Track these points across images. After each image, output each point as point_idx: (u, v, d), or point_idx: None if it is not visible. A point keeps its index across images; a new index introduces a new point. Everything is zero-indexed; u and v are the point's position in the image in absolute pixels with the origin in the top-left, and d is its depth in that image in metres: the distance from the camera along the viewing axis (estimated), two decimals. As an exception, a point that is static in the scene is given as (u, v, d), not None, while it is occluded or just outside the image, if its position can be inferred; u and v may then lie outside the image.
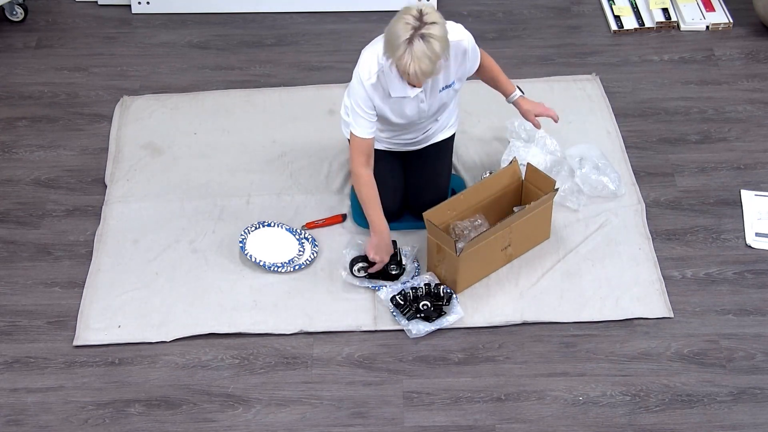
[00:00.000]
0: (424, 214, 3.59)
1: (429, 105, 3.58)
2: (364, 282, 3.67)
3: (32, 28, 4.90)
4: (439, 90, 3.55)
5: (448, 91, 3.59)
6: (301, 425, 3.31)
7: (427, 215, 3.58)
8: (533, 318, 3.58)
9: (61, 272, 3.79)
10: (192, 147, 4.26)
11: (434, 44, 3.26)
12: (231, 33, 4.86)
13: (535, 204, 3.65)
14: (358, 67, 3.49)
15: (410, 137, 3.75)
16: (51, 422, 3.33)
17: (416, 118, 3.60)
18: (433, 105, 3.59)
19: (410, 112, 3.57)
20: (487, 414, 3.32)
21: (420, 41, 3.24)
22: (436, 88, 3.54)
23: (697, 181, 4.07)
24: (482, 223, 3.69)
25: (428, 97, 3.55)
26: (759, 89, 4.48)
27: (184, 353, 3.51)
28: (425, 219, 3.58)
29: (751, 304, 3.63)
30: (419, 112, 3.58)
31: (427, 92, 3.53)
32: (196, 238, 3.88)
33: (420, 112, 3.59)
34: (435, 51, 3.27)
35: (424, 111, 3.59)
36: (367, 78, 3.45)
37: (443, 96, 3.59)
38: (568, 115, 4.35)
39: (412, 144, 3.78)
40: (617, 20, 4.86)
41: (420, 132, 3.74)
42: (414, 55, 3.25)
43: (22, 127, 4.38)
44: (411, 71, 3.28)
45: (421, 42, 3.24)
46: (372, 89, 3.46)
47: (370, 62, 3.46)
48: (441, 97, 3.58)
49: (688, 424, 3.28)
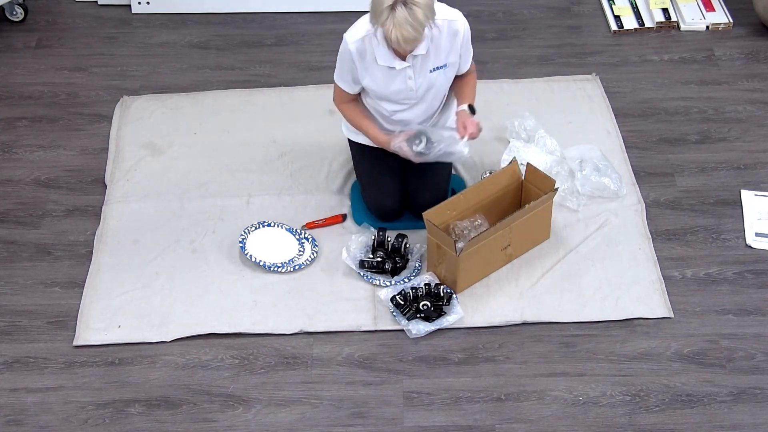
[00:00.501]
0: (424, 214, 3.59)
1: (417, 84, 3.57)
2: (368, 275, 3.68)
3: (32, 28, 4.90)
4: (429, 70, 3.55)
5: (439, 74, 3.58)
6: (301, 425, 3.31)
7: (427, 215, 3.58)
8: (533, 318, 3.58)
9: (61, 272, 3.79)
10: (192, 147, 4.26)
11: (417, 11, 3.27)
12: (231, 33, 4.86)
13: (534, 204, 3.65)
14: (349, 29, 3.52)
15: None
16: (51, 422, 3.33)
17: (404, 95, 3.60)
18: (422, 85, 3.58)
19: (396, 87, 3.57)
20: (487, 414, 3.32)
21: (402, 8, 3.26)
22: (425, 67, 3.54)
23: (697, 181, 4.07)
24: (482, 222, 3.69)
25: (416, 74, 3.54)
26: (759, 89, 4.48)
27: (184, 353, 3.51)
28: (425, 219, 3.58)
29: (751, 304, 3.63)
30: (407, 89, 3.57)
31: (416, 69, 3.53)
32: (196, 238, 3.88)
33: (408, 90, 3.58)
34: (417, 18, 3.27)
35: (412, 89, 3.58)
36: (352, 39, 3.49)
37: (433, 78, 3.58)
38: (568, 115, 4.35)
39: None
40: (617, 20, 4.86)
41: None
42: (396, 21, 3.27)
43: (22, 127, 4.38)
44: (393, 37, 3.31)
45: (403, 9, 3.26)
46: (356, 52, 3.49)
47: (360, 26, 3.50)
48: (430, 78, 3.57)
49: (688, 424, 3.28)
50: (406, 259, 3.73)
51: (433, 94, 3.64)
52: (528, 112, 4.25)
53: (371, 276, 3.69)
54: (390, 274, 3.69)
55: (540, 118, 4.27)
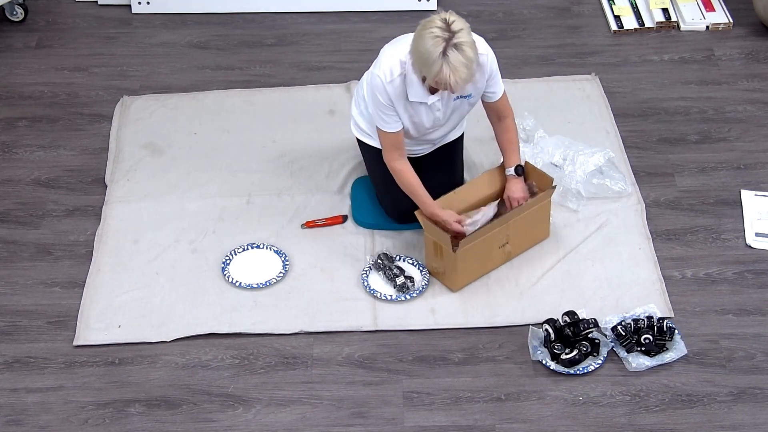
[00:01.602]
0: (416, 213, 3.59)
1: (443, 114, 3.58)
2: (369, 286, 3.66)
3: (32, 28, 4.90)
4: (454, 99, 3.55)
5: (463, 101, 3.58)
6: (301, 425, 3.31)
7: (418, 213, 3.58)
8: (533, 318, 3.58)
9: (61, 272, 3.79)
10: (192, 147, 4.26)
11: (467, 51, 3.26)
12: (231, 33, 4.86)
13: (532, 201, 3.65)
14: (378, 66, 3.48)
15: (418, 149, 3.76)
16: (51, 422, 3.33)
17: (430, 125, 3.60)
18: (446, 113, 3.60)
19: (425, 120, 3.57)
20: (487, 414, 3.32)
21: (454, 51, 3.25)
22: (450, 97, 3.54)
23: (697, 181, 4.07)
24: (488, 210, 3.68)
25: (443, 105, 3.55)
26: (759, 89, 4.48)
27: (184, 353, 3.51)
28: (418, 216, 3.58)
29: (751, 304, 3.63)
30: (434, 120, 3.59)
31: (443, 100, 3.53)
32: (196, 238, 3.88)
33: (435, 120, 3.59)
34: (470, 57, 3.27)
35: (439, 119, 3.60)
36: (388, 80, 3.45)
37: (457, 104, 3.58)
38: (567, 115, 4.35)
39: (420, 150, 3.79)
40: (617, 20, 4.86)
41: (428, 144, 3.75)
42: (452, 66, 3.25)
43: (22, 127, 4.38)
44: (452, 82, 3.28)
45: (455, 52, 3.25)
46: (392, 90, 3.46)
47: (392, 63, 3.46)
48: (454, 105, 3.58)
49: (688, 424, 3.28)
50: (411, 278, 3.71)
51: (454, 118, 3.66)
52: (527, 112, 4.25)
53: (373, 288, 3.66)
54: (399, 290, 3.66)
55: (539, 118, 4.28)
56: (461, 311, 3.61)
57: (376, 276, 3.71)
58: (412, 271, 3.72)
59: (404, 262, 3.74)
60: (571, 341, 3.44)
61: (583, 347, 3.41)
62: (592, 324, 3.46)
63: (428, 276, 3.70)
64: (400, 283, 3.64)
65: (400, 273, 3.68)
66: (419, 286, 3.67)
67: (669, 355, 3.43)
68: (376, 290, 3.66)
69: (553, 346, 3.42)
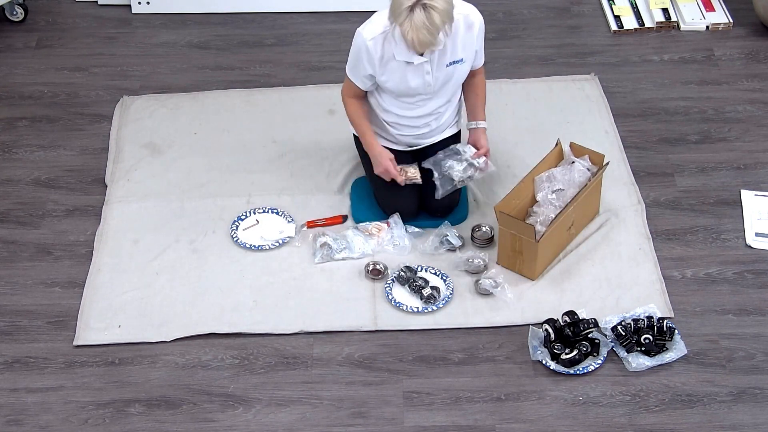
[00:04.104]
0: (495, 207, 3.60)
1: (435, 78, 3.57)
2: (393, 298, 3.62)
3: (32, 28, 4.90)
4: (446, 64, 3.54)
5: (455, 67, 3.57)
6: (301, 425, 3.31)
7: (498, 207, 3.60)
8: (533, 318, 3.58)
9: (61, 272, 3.79)
10: (192, 147, 4.26)
11: (434, 16, 3.25)
12: (231, 33, 4.86)
13: (593, 180, 3.71)
14: (364, 24, 3.50)
15: (413, 132, 3.74)
16: (51, 422, 3.33)
17: (421, 90, 3.59)
18: (439, 79, 3.58)
19: (415, 84, 3.56)
20: (487, 414, 3.32)
21: (421, 10, 3.25)
22: (443, 62, 3.53)
23: (697, 181, 4.07)
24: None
25: (434, 69, 3.54)
26: (759, 89, 4.48)
27: (184, 353, 3.51)
28: (496, 212, 3.60)
29: (751, 304, 3.63)
30: (424, 84, 3.57)
31: (433, 64, 3.52)
32: (196, 238, 3.88)
33: (425, 85, 3.58)
34: (434, 22, 3.26)
35: (429, 84, 3.58)
36: (369, 36, 3.47)
37: (450, 71, 3.57)
38: (567, 116, 4.35)
39: (417, 138, 3.77)
40: (617, 20, 4.86)
41: (423, 125, 3.73)
42: (413, 23, 3.26)
43: (22, 127, 4.38)
44: (409, 39, 3.30)
45: (421, 11, 3.25)
46: (374, 48, 3.47)
47: (377, 22, 3.48)
48: (447, 72, 3.57)
49: (688, 424, 3.28)
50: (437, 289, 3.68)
51: (448, 88, 3.64)
52: (526, 112, 4.25)
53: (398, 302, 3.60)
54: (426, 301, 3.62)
55: (538, 118, 4.28)
56: (461, 311, 3.61)
57: (400, 289, 3.67)
58: (436, 281, 3.69)
59: (427, 273, 3.71)
60: (571, 341, 3.44)
61: (583, 347, 3.41)
62: (592, 324, 3.46)
63: (453, 285, 3.66)
64: (427, 295, 3.61)
65: (425, 284, 3.64)
66: (444, 295, 3.64)
67: (669, 355, 3.43)
68: (401, 303, 3.62)
69: (553, 346, 3.43)
